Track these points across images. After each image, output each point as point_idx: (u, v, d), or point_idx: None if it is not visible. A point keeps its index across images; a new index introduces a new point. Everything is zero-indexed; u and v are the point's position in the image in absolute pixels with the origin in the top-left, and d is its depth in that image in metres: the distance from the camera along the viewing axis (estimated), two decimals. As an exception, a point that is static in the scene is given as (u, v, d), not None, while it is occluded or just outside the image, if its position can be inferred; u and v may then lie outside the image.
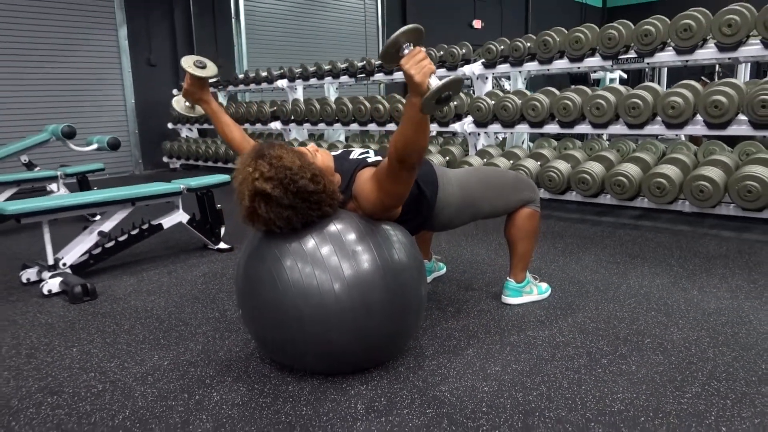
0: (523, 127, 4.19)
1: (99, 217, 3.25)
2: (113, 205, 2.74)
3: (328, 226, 1.57)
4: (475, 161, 4.16)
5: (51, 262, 2.53)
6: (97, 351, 1.87)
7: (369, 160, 1.74)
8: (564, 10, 13.76)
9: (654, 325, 1.96)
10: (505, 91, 4.54)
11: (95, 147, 4.35)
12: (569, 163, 3.85)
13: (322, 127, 5.66)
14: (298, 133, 6.00)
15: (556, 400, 1.49)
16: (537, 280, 2.29)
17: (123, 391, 1.60)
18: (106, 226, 2.73)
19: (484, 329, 1.96)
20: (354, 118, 5.24)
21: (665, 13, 3.94)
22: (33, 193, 4.34)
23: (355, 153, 1.82)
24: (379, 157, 1.77)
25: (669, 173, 3.29)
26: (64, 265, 2.56)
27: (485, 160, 4.22)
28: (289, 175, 1.48)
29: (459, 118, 4.56)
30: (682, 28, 3.55)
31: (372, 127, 5.20)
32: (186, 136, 7.25)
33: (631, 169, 3.49)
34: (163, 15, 7.16)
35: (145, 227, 2.88)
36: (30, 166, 4.72)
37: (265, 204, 1.49)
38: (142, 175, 6.84)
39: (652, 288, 2.34)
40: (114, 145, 4.24)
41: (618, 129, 3.79)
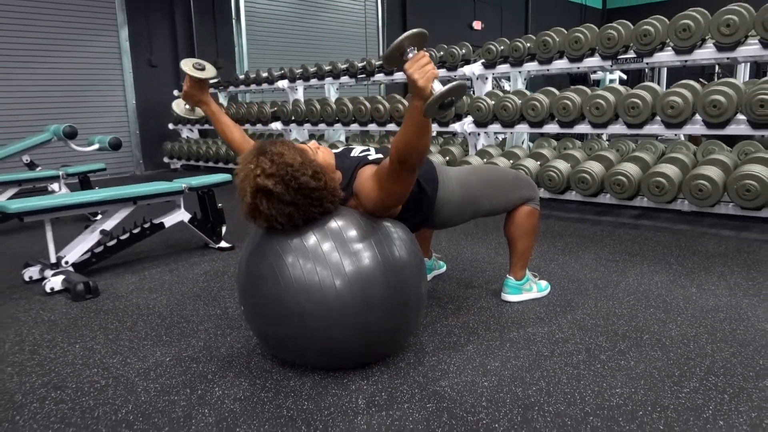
0: (523, 127, 4.20)
1: (100, 216, 3.26)
2: (115, 203, 2.75)
3: (329, 222, 1.58)
4: (475, 161, 4.17)
5: (53, 261, 2.55)
6: (100, 347, 1.89)
7: (370, 158, 1.76)
8: (564, 11, 13.80)
9: (653, 321, 1.98)
10: (504, 91, 4.55)
11: (96, 147, 4.37)
12: (569, 163, 3.86)
13: (322, 127, 5.68)
14: (298, 134, 6.01)
15: (555, 394, 1.50)
16: (536, 277, 2.30)
17: (126, 386, 1.61)
18: (108, 225, 2.75)
19: (483, 326, 1.98)
20: (354, 119, 5.26)
21: (665, 14, 3.95)
22: (34, 192, 4.35)
23: (356, 151, 1.83)
24: (380, 155, 1.78)
25: (668, 172, 3.31)
26: (66, 263, 2.57)
27: (485, 159, 4.23)
28: (290, 171, 1.49)
29: (459, 118, 4.58)
30: (680, 28, 3.57)
31: (372, 128, 5.22)
32: (187, 136, 7.26)
33: (631, 168, 3.50)
34: (164, 16, 7.18)
35: (146, 226, 2.89)
36: (31, 166, 4.74)
37: (267, 200, 1.51)
38: (143, 176, 6.85)
39: (651, 286, 2.35)
40: (115, 145, 4.26)
41: (617, 129, 3.81)
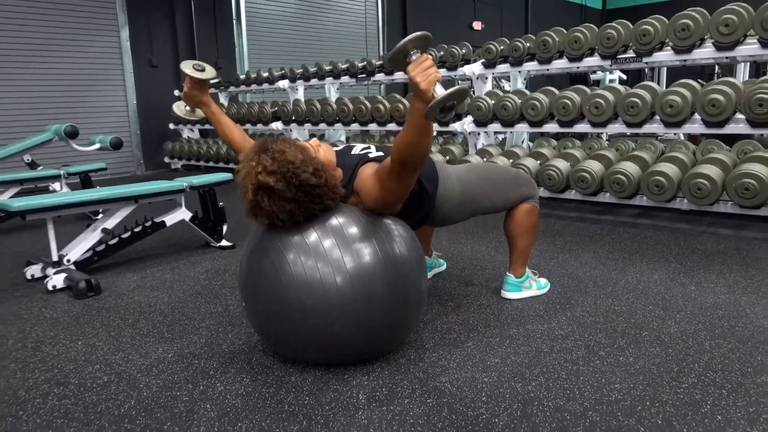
0: (523, 127, 4.21)
1: (101, 215, 3.27)
2: (117, 202, 2.77)
3: (330, 219, 1.59)
4: (475, 160, 4.19)
5: (55, 259, 2.56)
6: (102, 344, 1.90)
7: (370, 156, 1.77)
8: (564, 12, 13.81)
9: (652, 318, 1.99)
10: (504, 91, 4.56)
11: (98, 147, 4.38)
12: (568, 162, 3.87)
13: (323, 127, 5.69)
14: (299, 134, 6.03)
15: (554, 390, 1.52)
16: (536, 275, 2.31)
17: (128, 382, 1.63)
18: (110, 224, 2.76)
19: (483, 323, 1.99)
20: (355, 118, 5.28)
21: (665, 14, 3.96)
22: (36, 192, 4.36)
23: (357, 149, 1.85)
24: (381, 153, 1.80)
25: (667, 171, 3.32)
26: (68, 261, 2.59)
27: (485, 159, 4.24)
28: (291, 168, 1.51)
29: (459, 117, 4.59)
30: (680, 28, 3.58)
31: (373, 127, 5.23)
32: (187, 136, 7.27)
33: (630, 167, 3.52)
34: (165, 17, 7.20)
35: (148, 224, 2.91)
36: (33, 166, 4.75)
37: (268, 197, 1.52)
38: (143, 176, 6.86)
39: (650, 283, 2.36)
40: (116, 145, 4.27)
41: (617, 128, 3.82)
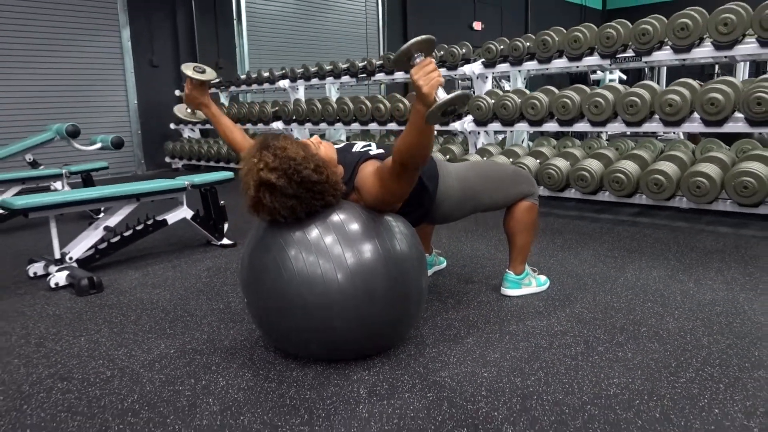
0: (523, 126, 4.23)
1: (103, 214, 3.29)
2: (119, 200, 2.78)
3: (331, 216, 1.61)
4: (475, 159, 4.20)
5: (58, 257, 2.58)
6: (105, 340, 1.91)
7: (371, 153, 1.79)
8: (564, 12, 13.83)
9: (650, 315, 2.00)
10: (504, 90, 4.58)
11: (99, 146, 4.40)
12: (568, 161, 3.88)
13: (323, 126, 5.71)
14: (300, 133, 6.04)
15: (553, 384, 1.53)
16: (536, 272, 2.32)
17: (131, 377, 1.64)
18: (112, 222, 2.78)
19: (483, 319, 2.00)
20: (355, 118, 5.29)
21: (665, 14, 3.97)
22: (37, 191, 4.36)
23: (358, 146, 1.86)
24: (382, 150, 1.81)
25: (666, 170, 3.33)
26: (70, 259, 2.60)
27: (485, 158, 4.26)
28: (293, 165, 1.52)
29: (459, 116, 4.60)
30: (679, 27, 3.60)
31: (373, 127, 5.25)
32: (188, 136, 7.29)
33: (629, 166, 3.53)
34: (166, 17, 7.21)
35: (149, 223, 2.92)
36: (34, 165, 4.77)
37: (270, 194, 1.53)
38: (144, 176, 6.88)
39: (649, 281, 2.38)
40: (118, 144, 4.29)
41: (616, 127, 3.83)
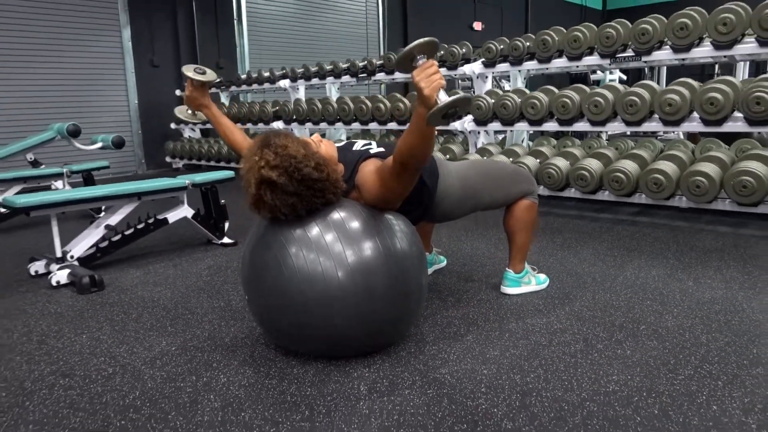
0: (523, 125, 4.24)
1: (104, 213, 3.30)
2: (120, 199, 2.79)
3: (331, 214, 1.62)
4: (475, 158, 4.21)
5: (59, 255, 2.59)
6: (106, 338, 1.92)
7: (372, 152, 1.80)
8: (564, 12, 13.84)
9: (649, 313, 2.01)
10: (504, 90, 4.59)
11: (100, 145, 4.41)
12: (568, 161, 3.89)
13: (324, 126, 5.72)
14: (300, 133, 6.05)
15: (552, 381, 1.54)
16: (535, 271, 2.33)
17: (133, 373, 1.65)
18: (113, 220, 2.79)
19: (483, 317, 2.01)
20: (355, 118, 5.30)
21: (665, 15, 3.97)
22: (38, 190, 4.37)
23: (358, 145, 1.87)
24: (382, 149, 1.82)
25: (666, 169, 3.34)
26: (71, 257, 2.61)
27: (485, 157, 4.26)
28: (293, 163, 1.53)
29: (459, 116, 4.61)
30: (678, 27, 3.61)
31: (373, 126, 5.26)
32: (189, 136, 7.30)
33: (629, 165, 3.54)
34: (166, 17, 7.22)
35: (150, 221, 2.93)
36: (35, 164, 4.77)
37: (271, 191, 1.54)
38: (145, 175, 6.89)
39: (649, 279, 2.39)
40: (118, 144, 4.30)
41: (616, 126, 3.84)
